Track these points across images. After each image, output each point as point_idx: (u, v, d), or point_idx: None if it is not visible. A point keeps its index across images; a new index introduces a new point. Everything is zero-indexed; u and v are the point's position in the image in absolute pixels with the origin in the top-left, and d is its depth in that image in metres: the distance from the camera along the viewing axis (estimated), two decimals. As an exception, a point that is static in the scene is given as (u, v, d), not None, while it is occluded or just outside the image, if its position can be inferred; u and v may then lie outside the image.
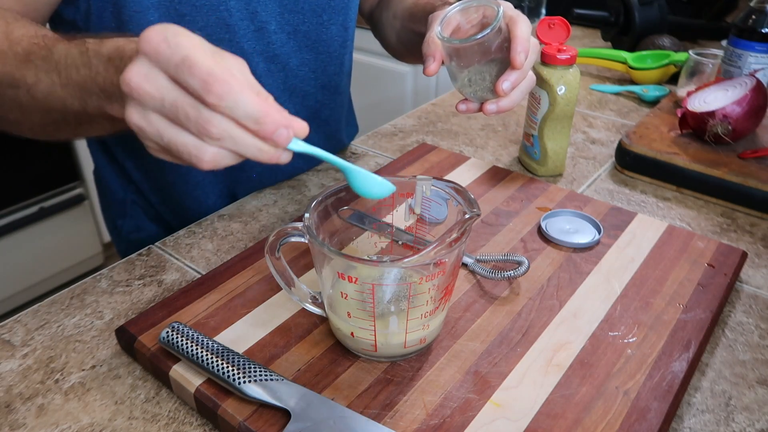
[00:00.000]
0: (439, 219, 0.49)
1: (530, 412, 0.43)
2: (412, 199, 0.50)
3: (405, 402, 0.44)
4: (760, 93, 0.74)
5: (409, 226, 0.51)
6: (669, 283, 0.55)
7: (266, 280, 0.55)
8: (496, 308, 0.52)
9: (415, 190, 0.49)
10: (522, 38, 0.55)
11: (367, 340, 0.45)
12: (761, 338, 0.53)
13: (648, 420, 0.42)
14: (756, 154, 0.73)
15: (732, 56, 0.86)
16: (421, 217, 0.51)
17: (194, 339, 0.46)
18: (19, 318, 0.55)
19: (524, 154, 0.80)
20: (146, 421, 0.45)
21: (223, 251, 0.64)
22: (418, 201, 0.49)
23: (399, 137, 0.89)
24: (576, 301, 0.53)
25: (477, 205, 0.45)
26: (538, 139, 0.75)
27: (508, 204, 0.67)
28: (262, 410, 0.43)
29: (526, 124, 0.77)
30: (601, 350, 0.48)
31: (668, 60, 1.02)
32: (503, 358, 0.47)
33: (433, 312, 0.45)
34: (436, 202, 0.49)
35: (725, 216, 0.70)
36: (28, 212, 1.82)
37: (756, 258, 0.63)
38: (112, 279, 0.60)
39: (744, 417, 0.46)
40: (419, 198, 0.49)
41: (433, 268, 0.43)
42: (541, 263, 0.57)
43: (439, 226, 0.50)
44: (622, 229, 0.62)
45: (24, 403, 0.47)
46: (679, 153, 0.75)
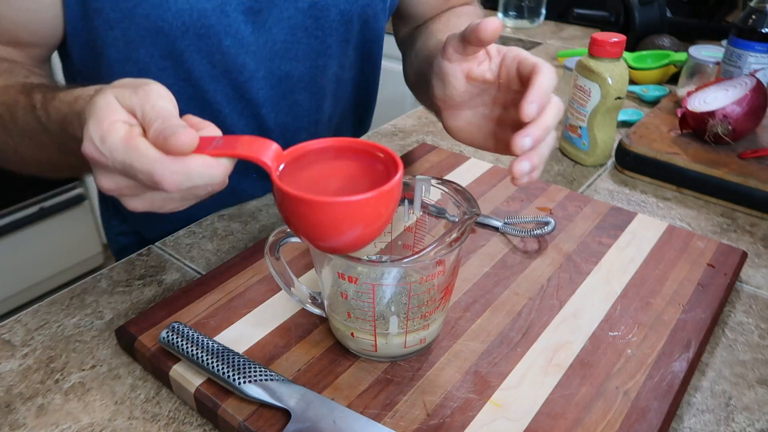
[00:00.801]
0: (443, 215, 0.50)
1: (530, 412, 0.43)
2: (412, 199, 0.50)
3: (405, 402, 0.44)
4: (760, 93, 0.74)
5: (409, 226, 0.51)
6: (669, 283, 0.55)
7: (266, 280, 0.55)
8: (496, 308, 0.52)
9: (415, 190, 0.49)
10: (538, 87, 0.43)
11: (367, 340, 0.45)
12: (761, 338, 0.53)
13: (648, 420, 0.42)
14: (756, 154, 0.73)
15: (732, 56, 0.86)
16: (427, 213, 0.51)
17: (194, 339, 0.46)
18: (19, 318, 0.55)
19: (569, 145, 0.82)
20: (146, 421, 0.45)
21: (223, 251, 0.64)
22: (417, 201, 0.49)
23: (399, 137, 0.89)
24: (576, 301, 0.53)
25: (477, 205, 0.45)
26: (587, 130, 0.78)
27: (508, 204, 0.67)
28: (262, 410, 0.43)
29: (571, 116, 0.80)
30: (601, 350, 0.48)
31: (668, 60, 1.02)
32: (503, 358, 0.47)
33: (433, 312, 0.45)
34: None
35: (725, 216, 0.70)
36: (28, 212, 1.82)
37: (756, 258, 0.63)
38: (112, 279, 0.60)
39: (744, 417, 0.46)
40: (419, 198, 0.49)
41: (433, 268, 0.43)
42: (541, 263, 0.57)
43: (439, 226, 0.50)
44: (622, 229, 0.62)
45: (24, 403, 0.47)
46: (679, 153, 0.75)
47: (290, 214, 0.37)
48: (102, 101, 0.38)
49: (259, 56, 0.65)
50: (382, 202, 0.37)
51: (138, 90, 0.38)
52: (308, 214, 0.36)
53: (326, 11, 0.65)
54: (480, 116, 0.51)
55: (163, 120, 0.37)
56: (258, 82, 0.66)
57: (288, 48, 0.66)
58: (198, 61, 0.61)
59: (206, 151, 0.37)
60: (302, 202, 0.35)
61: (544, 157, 0.45)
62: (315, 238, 0.38)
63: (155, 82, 0.39)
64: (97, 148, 0.37)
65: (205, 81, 0.63)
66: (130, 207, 0.40)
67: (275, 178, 0.37)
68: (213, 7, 0.59)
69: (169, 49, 0.60)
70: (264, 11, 0.62)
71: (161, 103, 0.38)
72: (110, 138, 0.37)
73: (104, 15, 0.57)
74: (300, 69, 0.68)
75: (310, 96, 0.71)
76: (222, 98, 0.65)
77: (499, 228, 0.62)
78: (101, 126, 0.37)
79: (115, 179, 0.38)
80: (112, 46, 0.59)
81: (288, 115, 0.71)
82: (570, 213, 0.65)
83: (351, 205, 0.35)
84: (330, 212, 0.36)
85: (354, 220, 0.36)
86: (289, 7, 0.63)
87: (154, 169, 0.36)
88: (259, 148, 0.38)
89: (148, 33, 0.58)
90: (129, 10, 0.57)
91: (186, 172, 0.36)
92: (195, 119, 0.40)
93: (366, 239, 0.39)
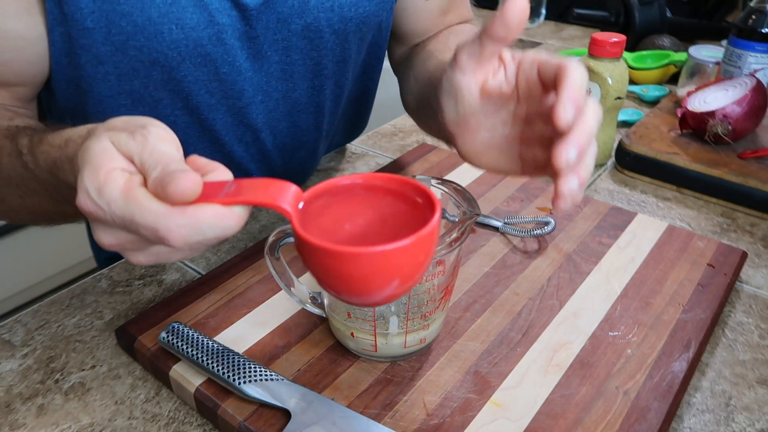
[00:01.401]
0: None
1: (530, 412, 0.43)
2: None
3: (405, 402, 0.44)
4: (760, 93, 0.74)
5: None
6: (669, 283, 0.55)
7: (266, 280, 0.55)
8: (496, 308, 0.52)
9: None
10: (571, 87, 0.37)
11: (367, 340, 0.45)
12: (761, 338, 0.53)
13: (648, 420, 0.42)
14: (756, 154, 0.73)
15: (732, 56, 0.86)
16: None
17: (194, 339, 0.46)
18: (19, 318, 0.55)
19: None
20: (146, 421, 0.45)
21: (223, 251, 0.64)
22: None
23: (399, 137, 0.89)
24: (576, 301, 0.53)
25: (477, 205, 0.45)
26: None
27: (508, 204, 0.67)
28: (262, 410, 0.43)
29: None
30: (601, 350, 0.48)
31: (668, 60, 1.02)
32: (503, 358, 0.47)
33: (433, 312, 0.45)
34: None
35: (725, 216, 0.70)
36: (28, 212, 1.82)
37: (756, 258, 0.63)
38: (112, 279, 0.60)
39: (744, 417, 0.46)
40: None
41: (433, 268, 0.43)
42: (541, 263, 0.57)
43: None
44: (622, 229, 0.62)
45: (24, 403, 0.47)
46: (679, 153, 0.75)
47: (316, 267, 0.32)
48: (97, 147, 0.34)
49: (256, 81, 0.63)
50: (421, 248, 0.31)
51: (136, 134, 0.34)
52: (336, 266, 0.31)
53: (320, 32, 0.63)
54: (500, 137, 0.43)
55: (163, 167, 0.33)
56: (256, 107, 0.65)
57: (284, 70, 0.64)
58: (195, 90, 0.60)
59: (217, 199, 0.32)
60: (329, 254, 0.31)
61: (591, 169, 0.38)
62: (345, 293, 0.33)
63: (154, 123, 0.35)
64: (94, 201, 0.33)
65: (203, 109, 0.62)
66: (134, 262, 0.36)
67: (297, 228, 0.32)
68: (209, 35, 0.57)
69: (165, 80, 0.58)
70: (260, 37, 0.61)
71: (161, 147, 0.34)
72: (107, 189, 0.33)
73: (93, 51, 0.54)
74: (297, 91, 0.67)
75: (308, 116, 0.70)
76: (221, 125, 0.64)
77: (499, 228, 0.62)
78: (97, 176, 0.33)
79: (116, 234, 0.35)
80: (102, 81, 0.56)
81: (287, 137, 0.70)
82: (570, 213, 0.65)
83: (386, 255, 0.30)
84: (362, 264, 0.31)
85: (390, 271, 0.31)
86: (283, 29, 0.62)
87: (158, 224, 0.32)
88: (276, 192, 0.33)
89: (142, 65, 0.56)
90: (122, 43, 0.54)
91: (194, 225, 0.32)
92: (202, 161, 0.36)
93: (403, 292, 0.34)
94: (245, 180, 0.34)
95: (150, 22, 0.53)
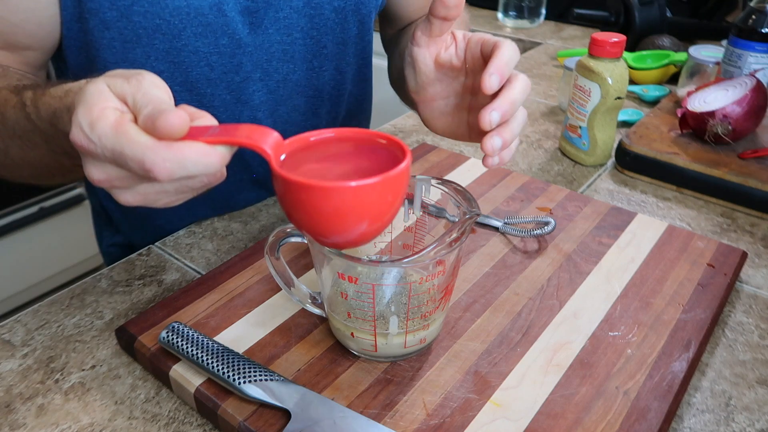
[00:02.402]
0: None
1: (530, 412, 0.43)
2: (412, 199, 0.50)
3: (405, 402, 0.44)
4: (760, 93, 0.74)
5: (409, 226, 0.51)
6: (669, 283, 0.55)
7: (266, 280, 0.55)
8: (496, 308, 0.52)
9: (415, 190, 0.49)
10: (498, 60, 0.43)
11: (367, 340, 0.45)
12: (761, 338, 0.53)
13: (648, 420, 0.42)
14: (756, 154, 0.73)
15: (732, 56, 0.86)
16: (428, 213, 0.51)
17: (194, 339, 0.46)
18: (19, 318, 0.55)
19: (569, 145, 0.82)
20: (146, 421, 0.45)
21: (223, 251, 0.64)
22: (417, 201, 0.49)
23: (399, 137, 0.89)
24: (576, 301, 0.53)
25: (477, 204, 0.45)
26: (587, 130, 0.78)
27: (508, 204, 0.67)
28: (262, 410, 0.43)
29: (571, 116, 0.80)
30: (601, 350, 0.48)
31: (668, 60, 1.02)
32: (503, 358, 0.47)
33: (433, 312, 0.45)
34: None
35: (725, 216, 0.70)
36: (28, 212, 1.81)
37: (756, 258, 0.63)
38: (112, 279, 0.60)
39: (744, 417, 0.46)
40: (419, 198, 0.49)
41: (433, 268, 0.43)
42: (541, 263, 0.57)
43: (439, 226, 0.50)
44: (622, 229, 0.62)
45: (24, 403, 0.47)
46: (679, 153, 0.75)
47: (292, 204, 0.35)
48: (93, 88, 0.36)
49: (256, 57, 0.64)
50: (389, 189, 0.35)
51: (131, 79, 0.37)
52: (311, 202, 0.34)
53: (320, 8, 0.65)
54: (453, 106, 0.52)
55: (154, 105, 0.35)
56: (255, 84, 0.66)
57: (285, 50, 0.66)
58: (195, 62, 0.61)
59: (202, 138, 0.35)
60: (304, 189, 0.33)
61: (516, 133, 0.44)
62: (318, 231, 0.36)
63: (149, 72, 0.38)
64: (86, 135, 0.35)
65: (202, 84, 0.63)
66: (122, 201, 0.38)
67: (275, 166, 0.35)
68: (210, 5, 0.59)
69: (166, 50, 0.60)
70: (260, 11, 0.62)
71: (154, 91, 0.36)
72: (100, 124, 0.35)
73: (100, 15, 0.56)
74: (297, 72, 0.68)
75: (307, 100, 0.71)
76: (219, 102, 0.65)
77: (499, 228, 0.62)
78: (91, 112, 0.35)
79: (106, 169, 0.37)
80: (107, 48, 0.58)
81: (286, 122, 0.71)
82: (570, 213, 0.65)
83: (357, 191, 0.33)
84: (334, 199, 0.33)
85: (360, 208, 0.34)
86: (284, 6, 0.63)
87: (145, 156, 0.34)
88: (259, 136, 0.36)
89: (145, 32, 0.58)
90: (126, 8, 0.56)
91: (179, 160, 0.34)
92: (191, 109, 0.38)
93: (372, 232, 0.37)
94: (230, 125, 0.37)
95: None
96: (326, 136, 0.39)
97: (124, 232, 0.80)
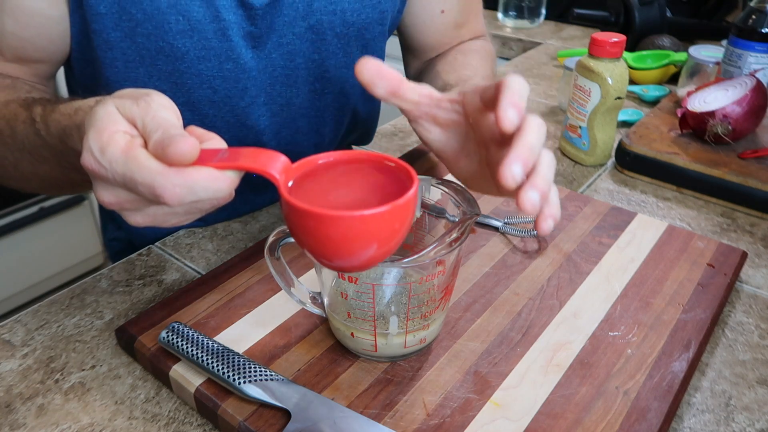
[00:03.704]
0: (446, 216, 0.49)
1: (530, 412, 0.43)
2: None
3: (405, 402, 0.44)
4: (760, 93, 0.74)
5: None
6: (669, 283, 0.55)
7: (266, 280, 0.55)
8: (496, 308, 0.52)
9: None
10: (509, 91, 0.37)
11: (367, 340, 0.45)
12: (761, 338, 0.53)
13: (648, 420, 0.42)
14: (756, 154, 0.73)
15: (732, 56, 0.86)
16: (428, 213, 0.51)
17: (194, 339, 0.46)
18: (19, 318, 0.55)
19: (569, 145, 0.82)
20: (146, 421, 0.45)
21: (223, 251, 0.64)
22: (417, 201, 0.49)
23: (399, 137, 0.89)
24: (576, 301, 0.53)
25: (477, 205, 0.44)
26: (587, 130, 0.78)
27: (508, 204, 0.67)
28: (262, 410, 0.43)
29: (571, 116, 0.80)
30: (601, 350, 0.48)
31: (668, 60, 1.02)
32: (503, 358, 0.47)
33: (433, 312, 0.45)
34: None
35: (725, 216, 0.70)
36: (28, 212, 1.81)
37: (756, 258, 0.63)
38: (112, 279, 0.60)
39: (744, 417, 0.46)
40: (419, 198, 0.49)
41: (433, 268, 0.43)
42: (541, 263, 0.57)
43: (439, 226, 0.50)
44: (622, 229, 0.62)
45: (24, 403, 0.47)
46: (679, 153, 0.75)
47: (299, 230, 0.35)
48: (102, 111, 0.37)
49: (260, 82, 0.64)
50: (396, 217, 0.35)
51: (139, 100, 0.37)
52: (318, 229, 0.34)
53: (322, 34, 0.64)
54: (475, 164, 0.46)
55: (164, 130, 0.35)
56: (259, 108, 0.65)
57: (288, 75, 0.65)
58: (198, 84, 0.61)
59: (210, 163, 0.35)
60: (312, 217, 0.33)
61: (549, 179, 0.38)
62: (326, 257, 0.36)
63: (158, 93, 0.38)
64: (97, 160, 0.36)
65: (205, 105, 0.63)
66: (132, 222, 0.38)
67: (283, 192, 0.35)
68: (214, 30, 0.58)
69: (168, 71, 0.59)
70: (264, 36, 0.62)
71: (163, 113, 0.36)
72: (110, 149, 0.35)
73: (104, 36, 0.56)
74: (300, 96, 0.68)
75: (310, 121, 0.71)
76: (222, 124, 0.64)
77: (499, 228, 0.62)
78: (101, 137, 0.36)
79: (116, 193, 0.37)
80: (110, 66, 0.58)
81: (289, 143, 0.70)
82: (570, 213, 0.65)
83: (364, 220, 0.33)
84: (342, 227, 0.34)
85: (367, 236, 0.34)
86: (287, 33, 0.63)
87: (155, 181, 0.34)
88: (266, 160, 0.36)
89: (148, 53, 0.58)
90: (130, 29, 0.56)
91: (189, 185, 0.35)
92: (199, 130, 0.38)
93: (379, 257, 0.36)
94: (238, 148, 0.37)
95: (158, 11, 0.56)
96: (334, 159, 0.39)
97: (126, 229, 0.81)
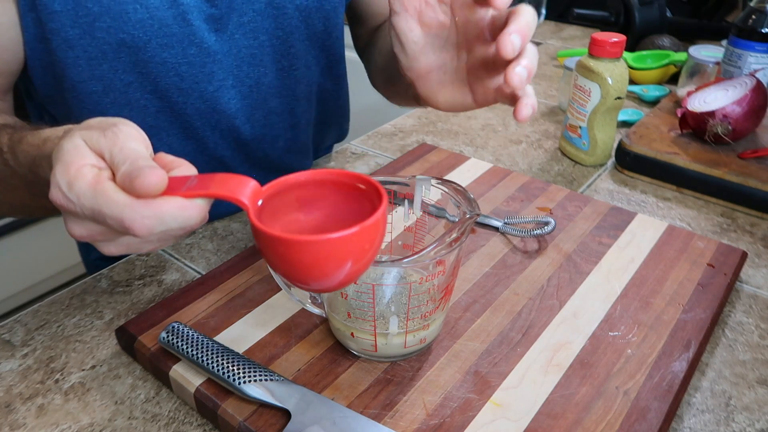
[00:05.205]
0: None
1: (530, 412, 0.43)
2: (412, 199, 0.50)
3: (405, 402, 0.44)
4: (760, 93, 0.74)
5: (409, 226, 0.51)
6: (669, 283, 0.55)
7: (266, 280, 0.55)
8: (496, 308, 0.52)
9: (415, 190, 0.49)
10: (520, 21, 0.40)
11: (367, 340, 0.45)
12: (761, 338, 0.53)
13: (648, 420, 0.42)
14: (756, 154, 0.73)
15: (732, 56, 0.86)
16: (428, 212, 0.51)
17: (194, 339, 0.46)
18: (19, 318, 0.55)
19: (569, 145, 0.82)
20: (146, 421, 0.45)
21: (223, 251, 0.64)
22: (417, 201, 0.49)
23: (399, 137, 0.89)
24: (576, 301, 0.53)
25: (477, 205, 0.45)
26: (587, 130, 0.78)
27: (508, 204, 0.67)
28: (262, 410, 0.43)
29: (571, 116, 0.80)
30: (601, 350, 0.48)
31: (668, 60, 1.02)
32: (503, 358, 0.47)
33: (433, 312, 0.45)
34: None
35: (725, 216, 0.70)
36: (28, 212, 1.81)
37: (756, 258, 0.63)
38: (112, 279, 0.60)
39: (744, 417, 0.46)
40: (419, 198, 0.49)
41: (433, 268, 0.43)
42: (541, 263, 0.57)
43: (439, 226, 0.50)
44: (622, 229, 0.62)
45: (24, 403, 0.47)
46: (679, 153, 0.75)
47: (270, 256, 0.35)
48: (69, 145, 0.36)
49: (226, 64, 0.63)
50: (365, 238, 0.34)
51: (107, 131, 0.36)
52: (288, 254, 0.34)
53: (283, 8, 0.64)
54: (451, 73, 0.47)
55: (131, 162, 0.35)
56: (228, 91, 0.65)
57: (253, 54, 0.65)
58: (164, 73, 0.60)
59: (179, 192, 0.35)
60: (281, 243, 0.33)
61: (534, 64, 0.41)
62: (299, 280, 0.36)
63: (126, 122, 0.38)
64: (65, 195, 0.35)
65: (174, 93, 0.62)
66: (105, 252, 0.38)
67: (253, 219, 0.34)
68: (174, 15, 0.58)
69: (132, 62, 0.59)
70: (224, 17, 0.61)
71: (130, 144, 0.36)
72: (77, 184, 0.35)
73: (63, 35, 0.55)
74: (269, 75, 0.67)
75: (282, 101, 0.70)
76: (192, 110, 0.64)
77: (499, 228, 0.62)
78: (68, 171, 0.35)
79: (87, 226, 0.37)
80: (73, 66, 0.57)
81: (264, 126, 0.70)
82: (570, 213, 0.65)
83: (333, 243, 0.33)
84: (311, 251, 0.33)
85: (337, 259, 0.34)
86: (248, 10, 0.62)
87: (123, 214, 0.34)
88: (235, 186, 0.35)
89: (110, 47, 0.57)
90: (89, 25, 0.55)
91: (158, 216, 0.34)
92: (168, 158, 0.38)
93: (352, 277, 0.36)
94: (207, 175, 0.36)
95: (115, 2, 0.55)
96: (303, 179, 0.39)
97: None
